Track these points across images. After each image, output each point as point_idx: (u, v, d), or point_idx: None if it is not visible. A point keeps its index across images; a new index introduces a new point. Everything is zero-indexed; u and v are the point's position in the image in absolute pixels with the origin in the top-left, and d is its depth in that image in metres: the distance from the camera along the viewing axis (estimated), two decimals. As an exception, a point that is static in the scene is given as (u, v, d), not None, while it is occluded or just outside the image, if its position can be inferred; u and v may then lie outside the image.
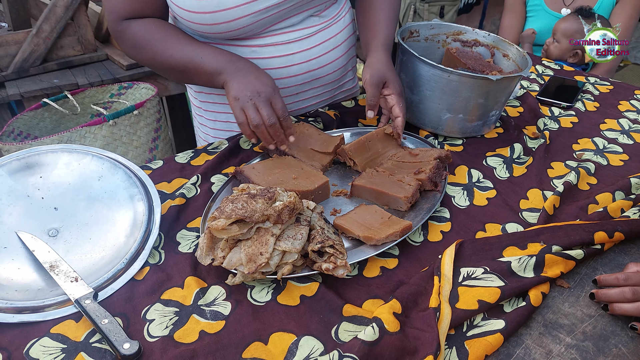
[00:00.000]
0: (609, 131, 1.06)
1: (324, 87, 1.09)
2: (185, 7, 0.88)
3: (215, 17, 0.88)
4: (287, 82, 1.01)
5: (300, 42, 0.98)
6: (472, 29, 1.13)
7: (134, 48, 0.93)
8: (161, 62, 0.92)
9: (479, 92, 0.94)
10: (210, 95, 1.07)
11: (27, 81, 1.75)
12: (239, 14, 0.88)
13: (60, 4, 1.77)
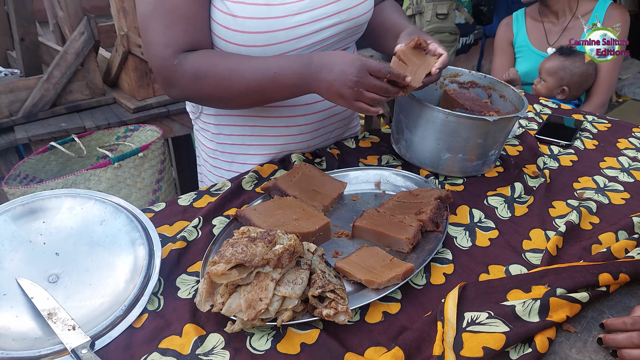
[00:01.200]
0: (609, 169, 1.07)
1: (338, 123, 1.13)
2: (236, 42, 0.90)
3: (265, 50, 0.91)
4: (312, 117, 1.05)
5: None
6: (468, 71, 1.16)
7: (196, 78, 0.88)
8: (229, 87, 0.88)
9: (477, 133, 0.96)
10: (227, 142, 1.09)
11: (35, 125, 1.79)
12: (288, 48, 0.92)
13: (71, 51, 1.83)
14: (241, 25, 0.88)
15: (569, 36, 1.78)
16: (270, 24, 0.89)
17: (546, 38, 1.84)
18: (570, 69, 1.67)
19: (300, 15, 0.91)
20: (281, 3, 0.90)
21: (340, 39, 1.01)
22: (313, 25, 0.93)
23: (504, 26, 1.96)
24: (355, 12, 0.98)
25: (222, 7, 0.89)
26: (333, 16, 0.95)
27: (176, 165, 2.67)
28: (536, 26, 1.87)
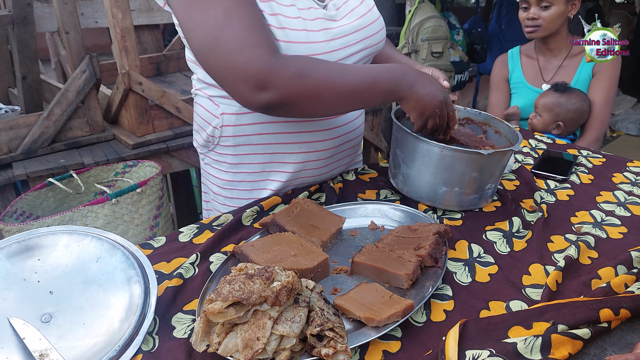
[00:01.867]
0: (605, 203, 1.07)
1: (350, 150, 1.17)
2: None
3: None
4: (329, 144, 1.09)
5: None
6: (463, 107, 1.19)
7: (300, 76, 0.84)
8: (333, 86, 0.86)
9: (473, 166, 0.97)
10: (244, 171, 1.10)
11: (34, 161, 1.79)
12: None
13: (72, 89, 1.87)
14: (286, 49, 0.92)
15: (563, 74, 1.83)
16: (310, 48, 0.95)
17: (541, 75, 1.89)
18: (565, 105, 1.70)
19: (334, 41, 0.98)
20: (320, 29, 0.97)
21: (362, 64, 1.08)
22: (345, 51, 1.01)
23: (499, 63, 2.01)
24: (377, 38, 1.08)
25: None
26: (360, 42, 1.04)
27: (174, 201, 2.66)
28: (531, 63, 1.92)
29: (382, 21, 1.12)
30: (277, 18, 0.92)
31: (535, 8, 1.69)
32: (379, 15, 1.10)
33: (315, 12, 0.99)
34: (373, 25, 1.07)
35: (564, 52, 1.84)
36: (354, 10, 1.05)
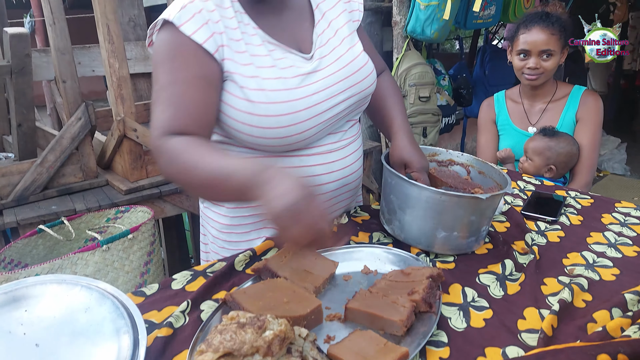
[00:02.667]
0: (596, 245, 1.08)
1: (348, 193, 1.18)
2: (257, 124, 0.96)
3: (289, 130, 0.97)
4: (325, 188, 1.10)
5: (339, 152, 1.10)
6: (445, 150, 1.22)
7: (168, 163, 0.89)
8: (191, 177, 0.87)
9: (470, 210, 0.98)
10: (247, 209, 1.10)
11: (25, 208, 1.78)
12: (310, 125, 1.00)
13: (67, 136, 1.88)
14: (265, 110, 0.95)
15: (548, 117, 1.88)
16: (292, 105, 0.97)
17: (527, 118, 1.93)
18: (555, 148, 1.74)
19: (317, 95, 1.00)
20: (299, 86, 0.98)
21: (351, 110, 1.11)
22: (330, 102, 1.03)
23: (485, 106, 2.07)
24: (364, 84, 1.09)
25: (241, 94, 0.95)
26: (346, 91, 1.05)
27: (166, 246, 2.64)
28: (517, 107, 1.98)
29: (371, 66, 1.12)
30: (256, 80, 0.95)
31: (536, 58, 1.75)
32: (366, 61, 1.11)
33: (297, 70, 1.00)
34: (359, 72, 1.08)
35: (548, 96, 1.90)
36: (340, 58, 1.07)
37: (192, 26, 0.91)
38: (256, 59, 0.97)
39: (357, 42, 1.13)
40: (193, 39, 0.91)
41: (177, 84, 0.91)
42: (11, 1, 7.90)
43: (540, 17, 1.75)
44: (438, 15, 2.61)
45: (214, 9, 0.95)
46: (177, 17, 0.91)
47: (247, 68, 0.96)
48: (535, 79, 1.80)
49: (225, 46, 0.95)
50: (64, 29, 1.88)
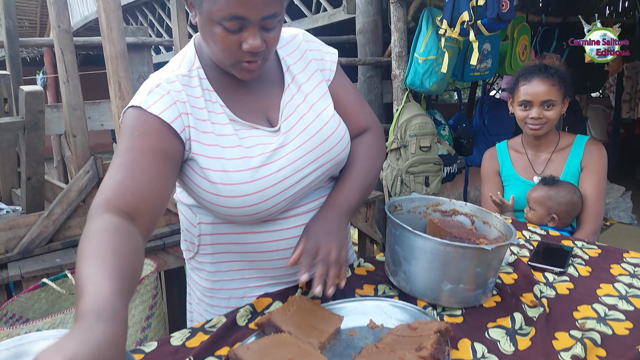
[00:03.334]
0: (607, 297, 1.06)
1: None
2: (223, 204, 0.96)
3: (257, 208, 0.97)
4: None
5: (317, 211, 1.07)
6: (449, 200, 1.22)
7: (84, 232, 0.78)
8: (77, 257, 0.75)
9: (476, 262, 0.97)
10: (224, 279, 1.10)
11: (29, 261, 1.78)
12: (277, 200, 0.99)
13: (74, 188, 1.91)
14: (231, 191, 0.95)
15: (553, 167, 1.89)
16: (257, 185, 0.96)
17: (532, 168, 1.94)
18: (555, 198, 1.74)
19: (283, 170, 0.99)
20: (264, 164, 0.97)
21: (326, 175, 1.09)
22: (297, 175, 1.01)
23: (488, 157, 2.08)
24: (331, 154, 1.06)
25: (204, 175, 0.95)
26: (314, 162, 1.04)
27: (167, 299, 2.60)
28: (520, 157, 1.99)
29: (342, 131, 1.08)
30: (220, 161, 0.95)
31: (538, 108, 1.79)
32: (336, 127, 1.06)
33: (262, 148, 0.98)
34: (327, 141, 1.05)
35: (551, 146, 1.92)
36: (307, 128, 1.04)
37: (159, 107, 0.91)
38: (221, 139, 0.97)
39: (327, 105, 1.08)
40: (161, 117, 0.90)
41: (132, 152, 0.87)
42: (25, 59, 8.23)
43: (540, 69, 1.80)
44: (436, 69, 2.70)
45: (181, 89, 0.95)
46: (144, 102, 0.91)
47: (212, 149, 0.95)
48: (539, 128, 1.82)
49: (192, 127, 0.95)
50: (76, 86, 1.96)
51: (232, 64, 0.94)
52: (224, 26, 0.86)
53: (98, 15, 1.92)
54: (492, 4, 2.39)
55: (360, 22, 3.62)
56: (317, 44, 1.15)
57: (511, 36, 3.22)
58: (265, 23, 0.88)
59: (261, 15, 0.86)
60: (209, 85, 1.00)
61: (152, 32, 6.88)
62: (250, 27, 0.87)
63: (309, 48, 1.12)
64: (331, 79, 1.13)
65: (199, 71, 1.00)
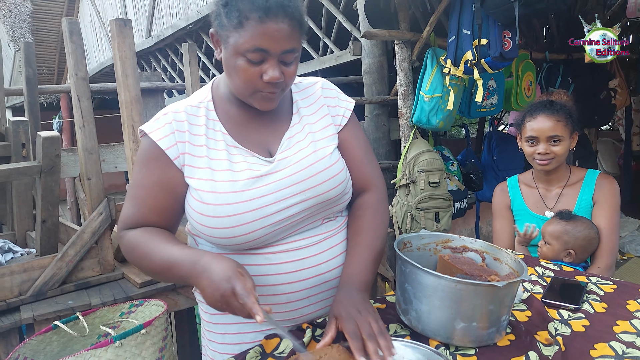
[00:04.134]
0: (624, 334, 1.04)
1: (332, 290, 1.11)
2: (209, 225, 1.01)
3: (234, 231, 1.00)
4: (299, 285, 1.07)
5: (310, 248, 1.08)
6: (458, 236, 1.22)
7: (127, 251, 1.05)
8: (145, 265, 1.02)
9: (488, 299, 0.96)
10: (220, 313, 1.11)
11: (42, 304, 1.79)
12: (255, 227, 1.01)
13: (88, 230, 1.94)
14: (212, 211, 1.00)
15: (565, 201, 1.87)
16: (237, 208, 1.00)
17: (544, 203, 1.93)
18: (572, 233, 1.71)
19: (265, 197, 1.02)
20: (247, 189, 1.01)
21: (313, 213, 1.08)
22: (278, 205, 1.02)
23: (499, 192, 2.07)
24: (319, 189, 1.06)
25: (196, 195, 1.03)
26: (297, 195, 1.04)
27: (177, 341, 2.57)
28: (531, 192, 1.98)
29: (335, 170, 1.08)
30: (209, 183, 1.02)
31: (544, 144, 1.81)
32: (329, 165, 1.08)
33: (250, 172, 1.02)
34: (317, 176, 1.06)
35: (563, 181, 1.91)
36: (300, 160, 1.06)
37: (159, 134, 1.05)
38: (214, 163, 1.04)
39: (328, 145, 1.11)
40: (159, 145, 1.04)
41: (141, 189, 1.06)
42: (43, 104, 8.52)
43: (545, 106, 1.82)
44: (442, 106, 2.75)
45: (184, 119, 1.06)
46: (149, 126, 1.07)
47: (203, 171, 1.03)
48: (547, 163, 1.83)
49: (187, 154, 1.04)
50: (92, 130, 2.03)
51: (251, 93, 1.02)
52: (247, 58, 0.96)
53: (114, 63, 2.01)
54: (495, 44, 2.46)
55: (367, 62, 3.73)
56: (334, 91, 1.21)
57: (516, 73, 3.29)
58: (284, 57, 0.98)
59: (281, 49, 0.96)
60: (215, 115, 1.09)
61: (165, 76, 7.12)
62: (271, 60, 0.97)
63: (324, 95, 1.18)
64: (342, 124, 1.16)
65: (208, 104, 1.10)
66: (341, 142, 1.15)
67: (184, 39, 6.17)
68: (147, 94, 3.34)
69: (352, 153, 1.16)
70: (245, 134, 1.09)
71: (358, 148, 1.17)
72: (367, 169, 1.18)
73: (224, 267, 0.90)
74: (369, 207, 1.16)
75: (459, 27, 2.59)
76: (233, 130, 1.08)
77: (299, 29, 0.98)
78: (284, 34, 0.95)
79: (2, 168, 1.84)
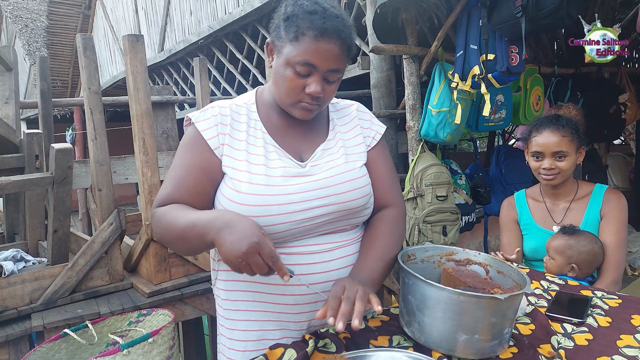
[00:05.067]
0: (627, 348, 1.03)
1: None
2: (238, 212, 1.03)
3: (259, 221, 1.02)
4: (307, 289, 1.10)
5: (323, 254, 1.12)
6: (462, 249, 1.23)
7: (156, 223, 1.08)
8: (170, 232, 1.04)
9: (490, 311, 0.97)
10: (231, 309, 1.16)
11: (52, 312, 1.82)
12: (279, 221, 1.06)
13: (98, 240, 1.98)
14: (243, 200, 1.06)
15: (572, 216, 1.87)
16: (266, 199, 1.06)
17: (551, 217, 1.93)
18: (576, 247, 1.71)
19: (292, 195, 1.08)
20: (280, 184, 1.08)
21: (333, 219, 1.13)
22: (302, 204, 1.08)
23: (506, 206, 2.07)
24: (345, 197, 1.12)
25: (230, 184, 1.08)
26: (321, 199, 1.10)
27: (184, 351, 2.58)
28: (539, 206, 1.98)
29: (361, 183, 1.15)
30: (245, 174, 1.08)
31: (550, 159, 1.81)
32: (357, 177, 1.14)
33: (284, 170, 1.10)
34: (343, 184, 1.12)
35: (570, 195, 1.91)
36: (330, 169, 1.14)
37: (204, 125, 1.13)
38: (251, 157, 1.11)
39: (359, 159, 1.19)
40: (202, 135, 1.11)
41: (181, 169, 1.11)
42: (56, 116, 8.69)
43: (551, 121, 1.83)
44: (450, 120, 2.76)
45: (228, 114, 1.15)
46: (196, 116, 1.15)
47: (241, 163, 1.10)
48: (552, 178, 1.83)
49: (226, 145, 1.12)
50: (104, 143, 2.08)
51: (292, 103, 1.10)
52: (296, 70, 1.05)
53: (126, 77, 2.06)
54: (502, 58, 2.48)
55: (375, 77, 3.77)
56: (368, 115, 1.31)
57: (524, 87, 3.29)
58: (328, 75, 1.07)
59: (328, 67, 1.05)
60: (257, 116, 1.18)
61: (177, 89, 7.23)
62: (316, 75, 1.06)
63: (359, 117, 1.28)
64: (372, 146, 1.25)
65: (251, 106, 1.19)
66: (369, 161, 1.23)
67: (196, 53, 6.29)
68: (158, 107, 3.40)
69: (378, 172, 1.23)
70: (283, 138, 1.17)
71: (384, 168, 1.25)
72: (389, 192, 1.24)
73: (250, 224, 0.92)
74: (387, 220, 1.22)
75: (466, 42, 2.61)
76: (272, 132, 1.16)
77: (347, 53, 1.08)
78: (333, 54, 1.04)
79: (16, 179, 1.89)
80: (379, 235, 1.18)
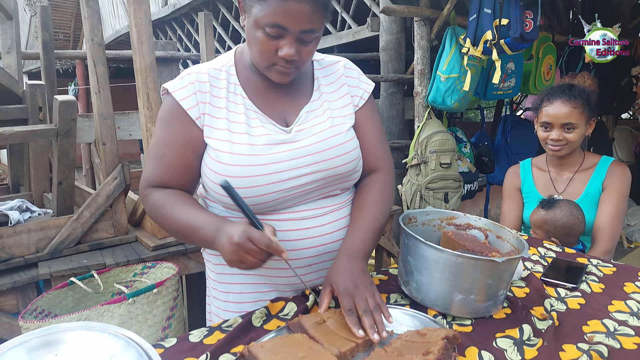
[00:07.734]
0: (617, 313, 1.06)
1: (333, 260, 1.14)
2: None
3: (247, 192, 1.03)
4: (302, 253, 1.11)
5: (315, 219, 1.12)
6: (463, 214, 1.24)
7: (152, 211, 1.09)
8: (170, 225, 1.06)
9: (487, 274, 0.99)
10: (225, 273, 1.17)
11: (58, 261, 1.87)
12: (267, 191, 1.04)
13: (102, 194, 2.00)
14: (227, 171, 1.03)
15: (574, 186, 1.87)
16: (252, 170, 1.03)
17: (553, 186, 1.93)
18: (551, 222, 1.71)
19: (279, 164, 1.05)
20: (264, 153, 1.05)
21: (322, 185, 1.11)
22: (290, 172, 1.06)
23: (511, 174, 2.08)
24: (333, 163, 1.09)
25: (213, 155, 1.05)
26: (310, 166, 1.07)
27: (187, 303, 2.66)
28: (542, 175, 1.98)
29: (349, 147, 1.11)
30: (227, 144, 1.05)
31: (558, 130, 1.80)
32: (344, 141, 1.11)
33: (268, 138, 1.06)
34: (331, 150, 1.09)
35: (575, 166, 1.91)
36: (317, 133, 1.09)
37: (182, 93, 1.07)
38: (232, 125, 1.07)
39: (345, 122, 1.14)
40: (181, 105, 1.06)
41: (163, 146, 1.08)
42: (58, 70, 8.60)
43: (563, 91, 1.79)
44: (458, 87, 2.73)
45: (207, 80, 1.09)
46: (172, 85, 1.09)
47: (222, 132, 1.06)
48: (559, 149, 1.82)
49: (207, 114, 1.07)
50: (107, 96, 2.06)
51: (266, 66, 1.04)
52: (266, 31, 0.98)
53: (129, 30, 2.03)
54: (516, 24, 2.42)
55: (384, 39, 3.69)
56: (356, 72, 1.23)
57: (536, 55, 3.23)
58: (302, 36, 0.99)
59: (300, 28, 0.97)
60: (236, 80, 1.11)
61: (181, 46, 7.11)
62: (289, 37, 0.98)
63: (346, 74, 1.21)
64: (359, 106, 1.19)
65: (230, 68, 1.12)
66: (357, 122, 1.17)
67: (200, 8, 6.14)
68: (161, 63, 3.36)
69: (366, 134, 1.18)
70: (265, 101, 1.11)
71: (372, 130, 1.19)
72: (378, 152, 1.20)
73: (238, 224, 0.96)
74: (376, 185, 1.19)
75: (480, 5, 2.54)
76: (253, 97, 1.11)
77: (323, 10, 0.98)
78: (305, 14, 0.95)
79: (20, 130, 1.89)
80: (367, 204, 1.15)
